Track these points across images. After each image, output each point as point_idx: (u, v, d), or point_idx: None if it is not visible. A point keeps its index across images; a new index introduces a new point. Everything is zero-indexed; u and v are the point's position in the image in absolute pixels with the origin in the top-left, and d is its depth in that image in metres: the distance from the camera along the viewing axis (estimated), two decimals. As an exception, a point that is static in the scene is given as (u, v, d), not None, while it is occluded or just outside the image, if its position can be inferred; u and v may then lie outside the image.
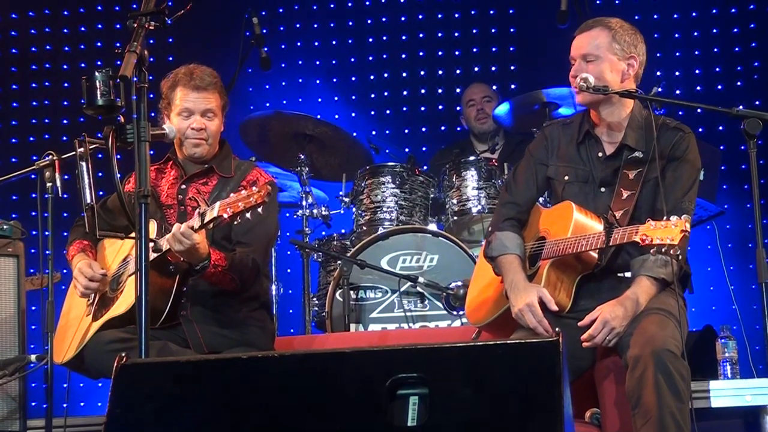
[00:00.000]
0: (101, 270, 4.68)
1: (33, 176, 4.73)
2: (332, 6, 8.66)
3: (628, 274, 4.30)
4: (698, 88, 8.07)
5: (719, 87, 8.05)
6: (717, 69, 8.10)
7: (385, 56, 8.59)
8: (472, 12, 8.56)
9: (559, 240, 4.26)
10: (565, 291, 4.29)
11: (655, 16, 8.20)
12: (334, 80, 8.60)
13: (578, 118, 4.58)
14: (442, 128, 8.47)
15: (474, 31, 8.55)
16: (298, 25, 8.64)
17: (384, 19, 8.64)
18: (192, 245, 4.27)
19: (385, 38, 8.61)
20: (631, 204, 4.28)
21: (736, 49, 8.05)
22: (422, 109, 8.56)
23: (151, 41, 3.65)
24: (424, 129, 8.55)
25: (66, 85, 8.34)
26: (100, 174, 4.15)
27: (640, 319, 4.10)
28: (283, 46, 8.54)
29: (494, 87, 7.71)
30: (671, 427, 3.85)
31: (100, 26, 8.45)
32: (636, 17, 8.20)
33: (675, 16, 8.17)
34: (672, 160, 4.34)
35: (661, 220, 3.87)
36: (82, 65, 8.27)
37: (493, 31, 8.53)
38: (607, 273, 4.31)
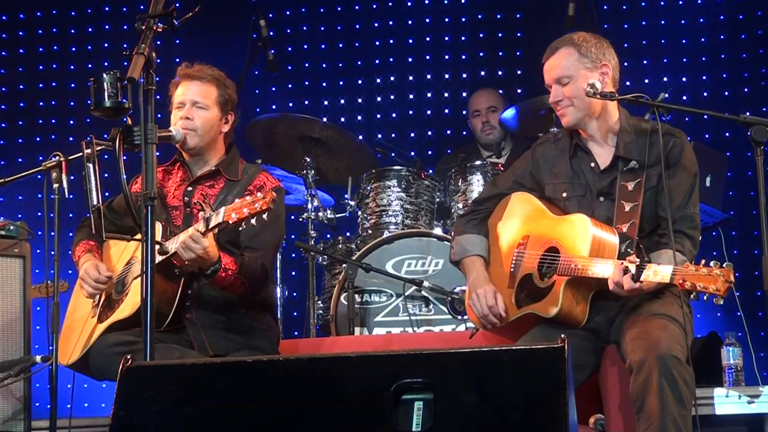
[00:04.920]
0: (107, 272, 4.68)
1: (39, 177, 4.73)
2: (339, 9, 8.66)
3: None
4: (705, 94, 8.06)
5: (726, 93, 8.04)
6: (724, 75, 8.09)
7: (391, 60, 8.59)
8: (479, 16, 8.55)
9: (578, 258, 4.22)
10: (581, 307, 4.28)
11: (662, 22, 8.19)
12: (341, 83, 8.60)
13: (567, 131, 4.58)
14: (448, 132, 8.47)
15: (481, 35, 8.54)
16: (304, 28, 8.64)
17: (391, 23, 8.65)
18: (203, 250, 4.26)
19: (391, 41, 8.61)
20: (637, 215, 4.27)
21: (744, 55, 8.05)
22: (428, 112, 8.56)
23: (159, 43, 3.65)
24: (430, 133, 8.55)
25: (73, 85, 8.36)
26: (106, 175, 4.14)
27: (645, 324, 4.09)
28: (289, 49, 8.54)
29: (500, 91, 7.68)
30: (674, 433, 3.85)
31: (107, 27, 8.46)
32: (643, 23, 8.21)
33: (682, 22, 8.16)
34: (668, 167, 4.33)
35: (701, 265, 3.82)
36: (90, 66, 8.27)
37: (499, 35, 8.52)
38: None
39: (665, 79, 8.07)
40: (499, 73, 8.46)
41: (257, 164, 5.28)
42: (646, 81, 7.98)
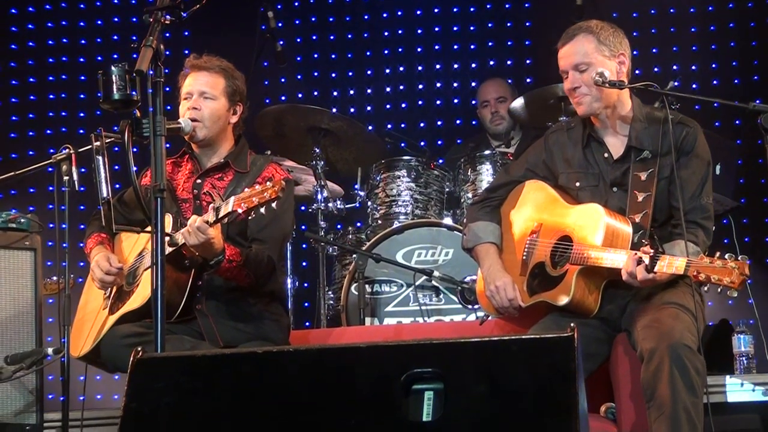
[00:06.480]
0: (118, 263, 4.69)
1: (50, 169, 4.74)
2: (347, 0, 8.66)
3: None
4: (714, 82, 8.04)
5: (736, 81, 8.03)
6: (734, 63, 8.07)
7: (400, 50, 8.59)
8: (488, 6, 8.56)
9: (591, 247, 4.22)
10: (593, 297, 4.28)
11: (672, 10, 8.17)
12: (350, 74, 8.60)
13: (580, 120, 4.56)
14: (458, 122, 8.47)
15: (489, 25, 8.55)
16: (313, 19, 8.64)
17: (399, 13, 8.64)
18: (207, 239, 4.28)
19: (400, 32, 8.61)
20: (650, 206, 4.27)
21: (753, 43, 8.02)
22: (438, 102, 8.56)
23: (167, 35, 3.65)
24: (439, 123, 8.55)
25: (82, 78, 8.35)
26: (116, 167, 4.14)
27: (656, 312, 4.09)
28: (298, 40, 8.54)
29: (509, 81, 7.68)
30: (684, 422, 3.85)
31: (116, 19, 8.46)
32: (652, 11, 8.19)
33: (691, 10, 8.14)
34: (681, 157, 4.32)
35: (715, 257, 3.83)
36: (99, 59, 8.27)
37: (508, 24, 8.52)
38: None
39: (675, 67, 8.05)
40: (508, 62, 8.47)
41: (267, 155, 5.27)
42: (656, 69, 7.97)
